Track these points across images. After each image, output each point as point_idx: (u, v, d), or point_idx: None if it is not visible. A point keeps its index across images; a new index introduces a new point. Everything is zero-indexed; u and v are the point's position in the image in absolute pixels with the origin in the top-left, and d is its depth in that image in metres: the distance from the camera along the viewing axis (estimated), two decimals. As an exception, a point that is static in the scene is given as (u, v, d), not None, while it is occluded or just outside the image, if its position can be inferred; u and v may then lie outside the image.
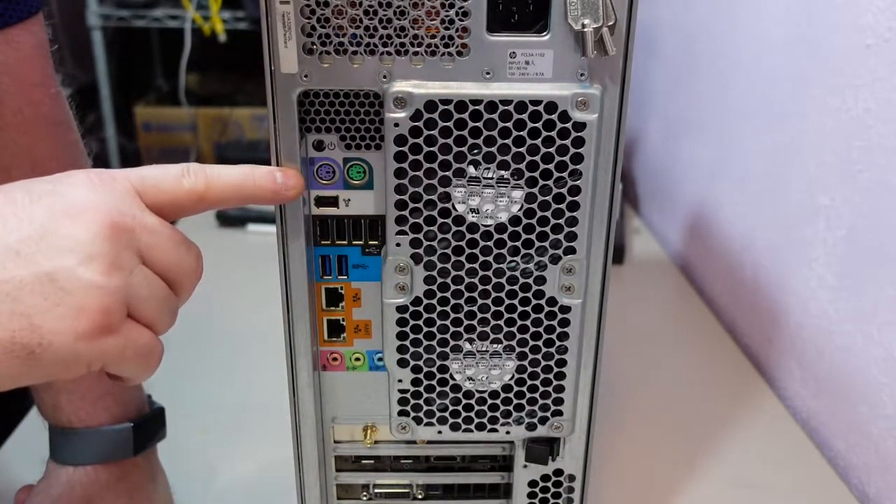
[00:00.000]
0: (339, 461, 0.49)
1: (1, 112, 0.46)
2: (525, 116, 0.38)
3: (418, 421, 0.45)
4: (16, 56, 0.46)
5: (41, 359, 0.31)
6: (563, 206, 0.40)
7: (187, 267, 0.36)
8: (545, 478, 0.49)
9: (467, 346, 0.44)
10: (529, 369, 0.44)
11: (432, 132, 0.39)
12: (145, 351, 0.34)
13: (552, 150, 0.39)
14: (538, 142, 0.39)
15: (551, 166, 0.39)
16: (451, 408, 0.45)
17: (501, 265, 0.42)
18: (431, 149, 0.39)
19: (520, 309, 0.43)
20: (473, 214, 0.40)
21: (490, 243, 0.41)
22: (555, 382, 0.45)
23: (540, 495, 0.49)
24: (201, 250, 0.38)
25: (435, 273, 0.42)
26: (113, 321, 0.32)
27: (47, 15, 0.48)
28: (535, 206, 0.40)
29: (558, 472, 0.49)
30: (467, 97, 0.38)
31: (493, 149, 0.39)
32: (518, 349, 0.44)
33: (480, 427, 0.46)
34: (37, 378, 0.32)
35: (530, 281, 0.42)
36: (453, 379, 0.44)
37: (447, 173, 0.40)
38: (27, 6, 0.45)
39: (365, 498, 0.51)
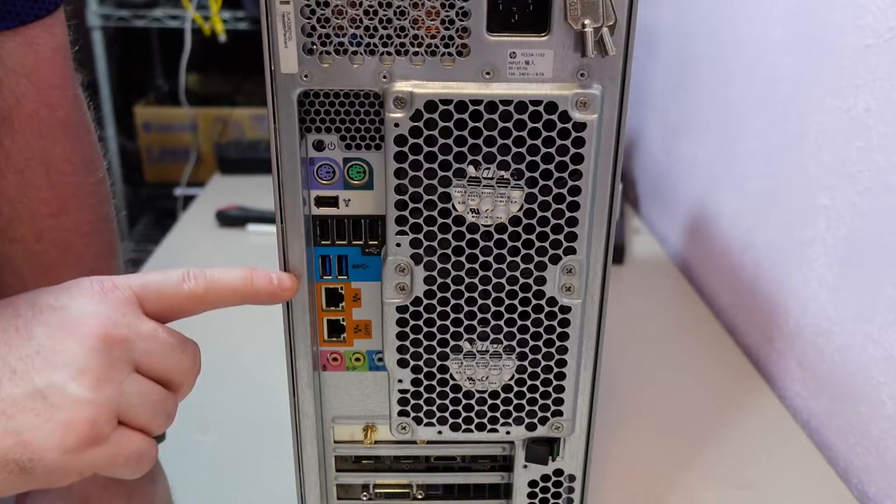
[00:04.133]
0: (339, 461, 0.49)
1: (17, 114, 0.45)
2: (525, 116, 0.38)
3: (418, 421, 0.45)
4: (35, 57, 0.45)
5: (33, 472, 0.33)
6: (563, 206, 0.40)
7: (182, 369, 0.38)
8: (545, 478, 0.49)
9: (467, 347, 0.44)
10: (529, 369, 0.44)
11: (432, 132, 0.39)
12: (136, 456, 0.36)
13: (552, 150, 0.39)
14: (538, 142, 0.39)
15: (551, 166, 0.39)
16: (451, 408, 0.45)
17: (501, 265, 0.42)
18: (431, 149, 0.39)
19: (520, 309, 0.43)
20: (473, 214, 0.40)
21: (490, 243, 0.41)
22: (555, 382, 0.45)
23: (540, 495, 0.49)
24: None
25: (435, 273, 0.42)
26: (100, 433, 0.34)
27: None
28: (535, 206, 0.40)
29: (558, 472, 0.49)
30: (467, 97, 0.38)
31: (493, 149, 0.39)
32: (518, 349, 0.44)
33: (480, 427, 0.46)
34: (33, 487, 0.34)
35: (530, 281, 0.42)
36: (453, 379, 0.44)
37: (447, 173, 0.40)
38: (45, 4, 0.44)
39: (365, 498, 0.51)
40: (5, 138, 0.46)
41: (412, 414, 0.45)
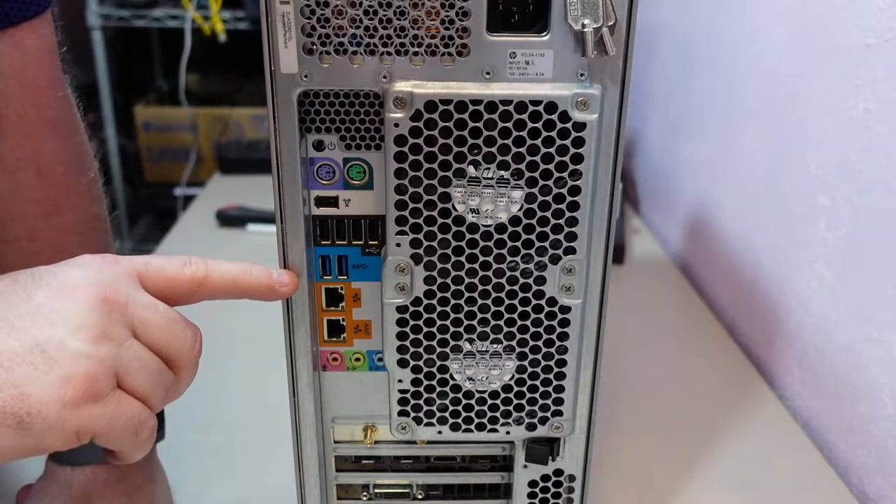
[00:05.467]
0: (339, 461, 0.49)
1: (7, 115, 0.45)
2: (525, 116, 0.38)
3: (418, 421, 0.45)
4: (23, 59, 0.45)
5: (30, 428, 0.32)
6: (563, 206, 0.40)
7: (181, 344, 0.37)
8: (545, 478, 0.49)
9: (467, 346, 0.44)
10: (529, 369, 0.44)
11: (432, 132, 0.39)
12: (134, 423, 0.35)
13: (552, 150, 0.39)
14: (538, 142, 0.39)
15: (551, 166, 0.39)
16: (451, 408, 0.45)
17: (501, 265, 0.42)
18: (431, 149, 0.39)
19: (520, 309, 0.43)
20: (473, 214, 0.40)
21: (490, 243, 0.41)
22: (555, 382, 0.45)
23: (540, 495, 0.49)
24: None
25: (435, 273, 0.42)
26: (99, 389, 0.34)
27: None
28: (535, 206, 0.40)
29: (558, 472, 0.49)
30: (467, 97, 0.38)
31: (493, 149, 0.39)
32: (518, 349, 0.44)
33: (480, 427, 0.46)
34: (29, 450, 0.33)
35: (530, 281, 0.42)
36: (453, 379, 0.44)
37: (447, 173, 0.40)
38: (34, 5, 0.45)
39: (365, 498, 0.51)
40: None
41: (412, 414, 0.45)
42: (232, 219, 1.13)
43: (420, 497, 0.51)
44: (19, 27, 0.44)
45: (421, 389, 0.45)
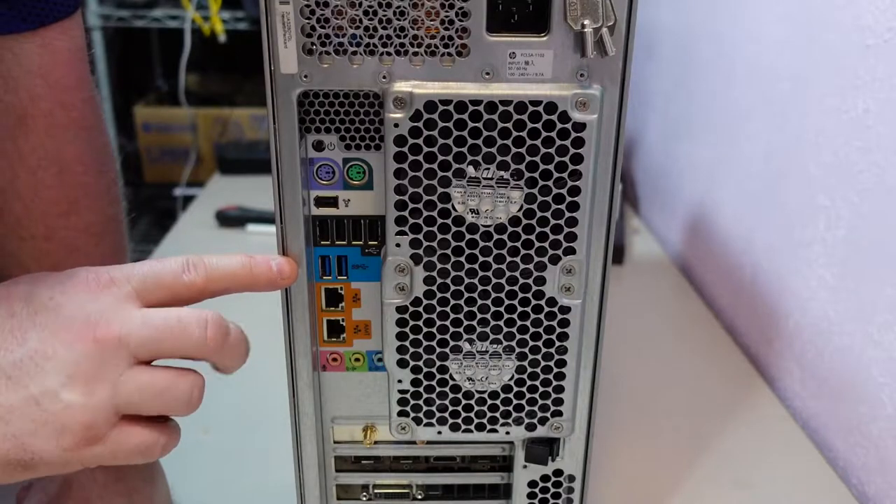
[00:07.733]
0: (338, 461, 0.49)
1: (32, 114, 0.46)
2: (525, 117, 0.38)
3: (418, 421, 0.45)
4: (52, 59, 0.45)
5: (35, 468, 0.34)
6: (562, 206, 0.40)
7: (188, 342, 0.37)
8: (545, 478, 0.49)
9: (467, 347, 0.44)
10: (529, 369, 0.44)
11: (432, 132, 0.39)
12: (140, 449, 0.36)
13: (552, 150, 0.39)
14: (538, 142, 0.39)
15: (551, 167, 0.39)
16: (450, 408, 0.45)
17: (501, 265, 0.42)
18: (431, 149, 0.39)
19: (519, 309, 0.43)
20: (473, 215, 0.40)
21: (490, 244, 0.41)
22: (554, 383, 0.45)
23: (540, 495, 0.49)
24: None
25: (435, 273, 0.42)
26: (96, 434, 0.35)
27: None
28: (534, 206, 0.40)
29: (558, 473, 0.49)
30: (467, 97, 0.38)
31: (493, 149, 0.39)
32: (518, 349, 0.44)
33: (480, 427, 0.46)
34: (37, 476, 0.35)
35: (530, 281, 0.42)
36: (453, 379, 0.44)
37: (447, 174, 0.40)
38: (63, 6, 0.45)
39: (365, 498, 0.51)
40: (19, 138, 0.46)
41: (412, 414, 0.45)
42: (232, 219, 1.13)
43: (420, 497, 0.51)
44: (49, 28, 0.44)
45: (421, 390, 0.45)
